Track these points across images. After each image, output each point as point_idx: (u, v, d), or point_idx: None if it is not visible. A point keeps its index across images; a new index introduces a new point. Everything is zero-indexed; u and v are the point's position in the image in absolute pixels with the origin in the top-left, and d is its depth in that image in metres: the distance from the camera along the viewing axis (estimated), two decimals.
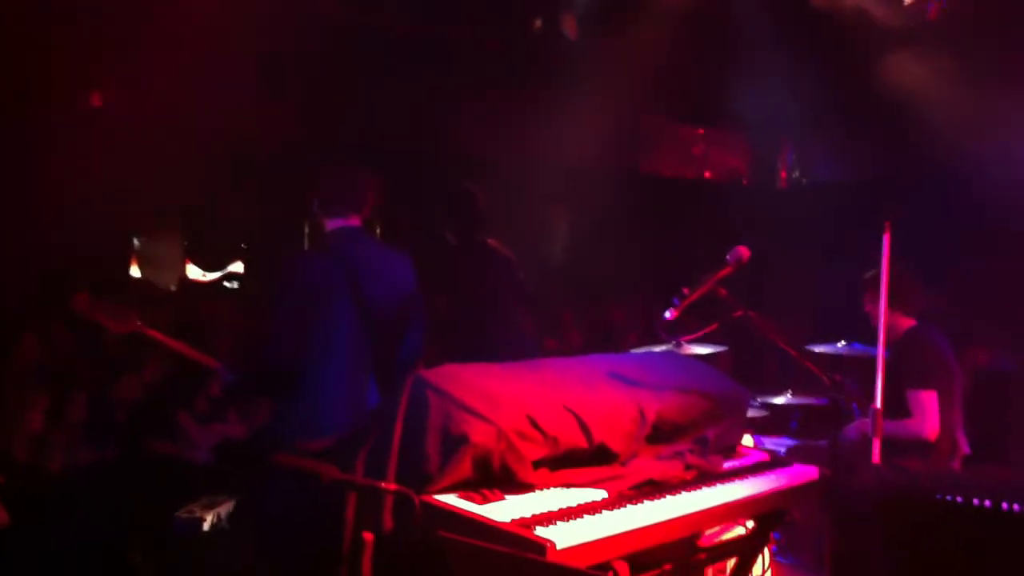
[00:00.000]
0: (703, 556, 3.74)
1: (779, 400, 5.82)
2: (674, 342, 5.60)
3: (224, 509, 4.78)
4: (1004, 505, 3.41)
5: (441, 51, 8.83)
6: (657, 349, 5.62)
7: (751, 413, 5.68)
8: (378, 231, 9.26)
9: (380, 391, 4.00)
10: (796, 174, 12.43)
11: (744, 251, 3.67)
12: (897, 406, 5.07)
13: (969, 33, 8.36)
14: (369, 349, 4.00)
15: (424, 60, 8.71)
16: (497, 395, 3.18)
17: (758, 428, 5.77)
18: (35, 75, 7.23)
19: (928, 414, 5.04)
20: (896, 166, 9.59)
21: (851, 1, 9.06)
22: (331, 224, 4.14)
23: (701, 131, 12.12)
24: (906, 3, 8.94)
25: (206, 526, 4.76)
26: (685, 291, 3.63)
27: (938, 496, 3.54)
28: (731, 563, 3.99)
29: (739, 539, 3.94)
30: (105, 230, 7.96)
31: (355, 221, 4.15)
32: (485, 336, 5.44)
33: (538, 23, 9.78)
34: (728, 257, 3.68)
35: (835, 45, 9.14)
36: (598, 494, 3.17)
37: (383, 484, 2.81)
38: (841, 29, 9.06)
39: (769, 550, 4.11)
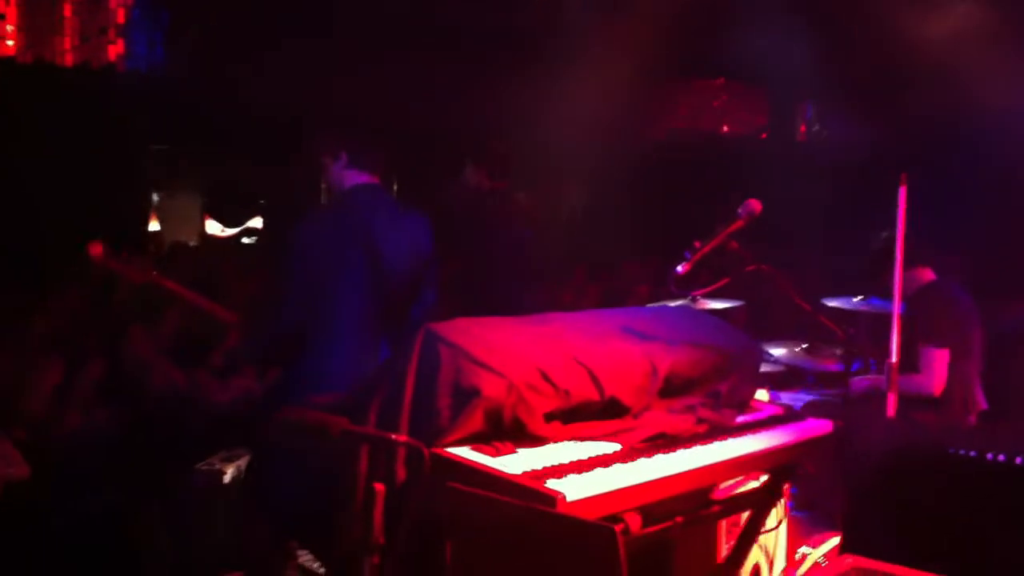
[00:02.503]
0: (716, 509, 3.75)
1: (792, 356, 5.80)
2: (689, 297, 5.58)
3: (244, 463, 4.83)
4: (1019, 460, 3.40)
5: (455, 16, 8.79)
6: (672, 304, 5.61)
7: (766, 368, 5.68)
8: (394, 187, 9.27)
9: (392, 351, 4.02)
10: (815, 128, 12.34)
11: (755, 204, 3.65)
12: (908, 360, 5.06)
13: None
14: (382, 308, 4.00)
15: (438, 25, 8.67)
16: (508, 348, 3.18)
17: (774, 383, 5.76)
18: None
19: (936, 370, 5.03)
20: (915, 122, 9.50)
21: None
22: (350, 179, 4.11)
23: (721, 82, 12.03)
24: None
25: (227, 479, 4.82)
26: (697, 244, 3.63)
27: (951, 450, 3.53)
28: (745, 516, 4.00)
29: (753, 492, 3.94)
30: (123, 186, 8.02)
31: (375, 179, 4.13)
32: (498, 292, 5.43)
33: None
34: (739, 210, 3.67)
35: (852, 3, 9.03)
36: (610, 447, 3.18)
37: (393, 436, 2.83)
38: None
39: (784, 504, 4.11)
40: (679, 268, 3.69)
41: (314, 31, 8.00)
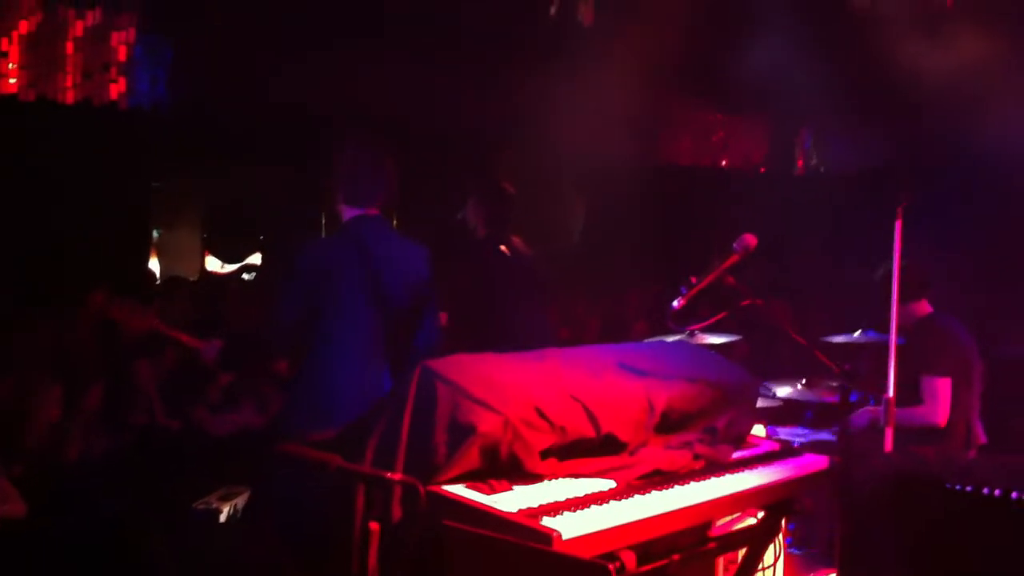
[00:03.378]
0: (712, 546, 3.75)
1: (790, 391, 5.80)
2: (687, 332, 5.59)
3: (241, 501, 4.82)
4: (1014, 495, 3.40)
5: (458, 39, 8.84)
6: (670, 339, 5.61)
7: (765, 403, 5.68)
8: (394, 221, 9.29)
9: (394, 379, 4.03)
10: (813, 161, 12.38)
11: (751, 239, 3.67)
12: (910, 392, 5.06)
13: (986, 20, 8.30)
14: (383, 337, 4.02)
15: (439, 47, 8.71)
16: (504, 385, 3.19)
17: (772, 418, 5.76)
18: None
19: (939, 401, 5.03)
20: (911, 152, 9.54)
21: None
22: (349, 212, 4.16)
23: (720, 117, 12.08)
24: None
25: (223, 517, 4.81)
26: (693, 280, 3.63)
27: (948, 485, 3.53)
28: (742, 553, 3.99)
29: (749, 529, 3.94)
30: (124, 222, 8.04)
31: (373, 210, 4.17)
32: (507, 335, 5.35)
33: (553, 10, 9.75)
34: (735, 245, 3.68)
35: (852, 31, 9.09)
36: (606, 484, 3.18)
37: (388, 474, 2.83)
38: (859, 15, 9.00)
39: (782, 540, 4.10)
40: (675, 303, 3.70)
41: (315, 68, 8.05)
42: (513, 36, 9.15)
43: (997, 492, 3.43)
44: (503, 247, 5.55)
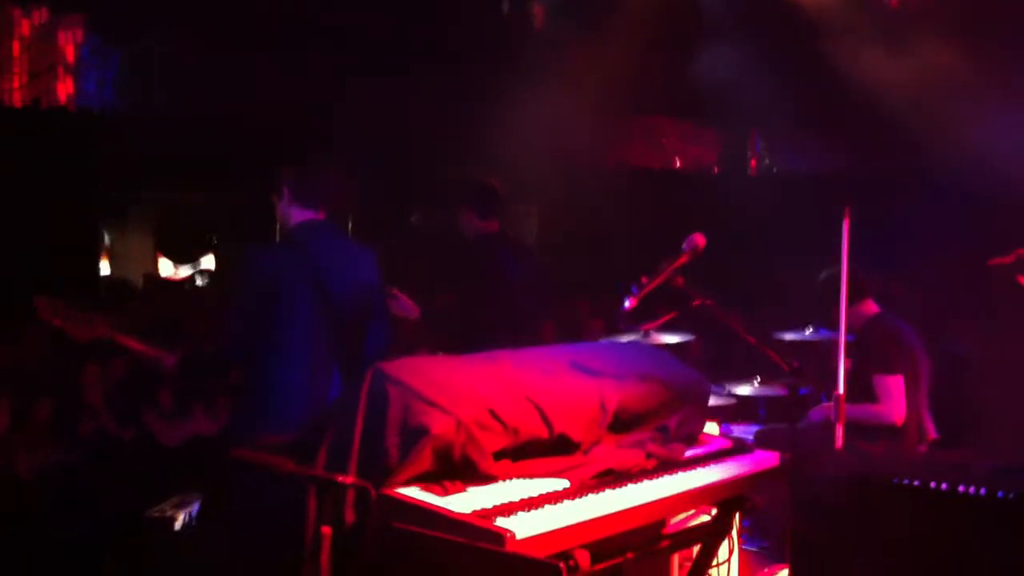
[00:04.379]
0: (666, 543, 3.77)
1: (745, 389, 5.86)
2: (642, 332, 5.63)
3: (195, 508, 4.78)
4: (960, 488, 3.45)
5: (410, 49, 8.83)
6: (624, 339, 5.65)
7: (719, 401, 5.73)
8: (350, 225, 9.26)
9: (345, 385, 4.01)
10: (766, 162, 12.52)
11: (700, 239, 3.70)
12: (864, 392, 5.13)
13: (932, 25, 8.44)
14: (331, 343, 4.00)
15: (392, 58, 8.71)
16: (457, 386, 3.19)
17: (726, 416, 5.82)
18: None
19: (895, 399, 5.11)
20: (860, 155, 9.68)
21: None
22: (297, 216, 4.13)
23: (671, 121, 12.18)
24: None
25: (177, 525, 4.76)
26: (643, 280, 3.65)
27: (896, 480, 3.58)
28: (696, 549, 4.02)
29: (703, 526, 3.97)
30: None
31: (321, 214, 4.15)
32: (505, 331, 5.26)
33: (506, 8, 9.78)
34: (684, 246, 3.71)
35: (801, 35, 9.20)
36: (559, 484, 3.19)
37: (340, 478, 2.82)
38: (806, 20, 9.11)
39: (737, 536, 4.14)
40: (626, 303, 3.72)
41: (266, 68, 8.01)
42: (465, 42, 9.17)
43: (944, 486, 3.48)
44: (502, 245, 5.49)
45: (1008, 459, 3.86)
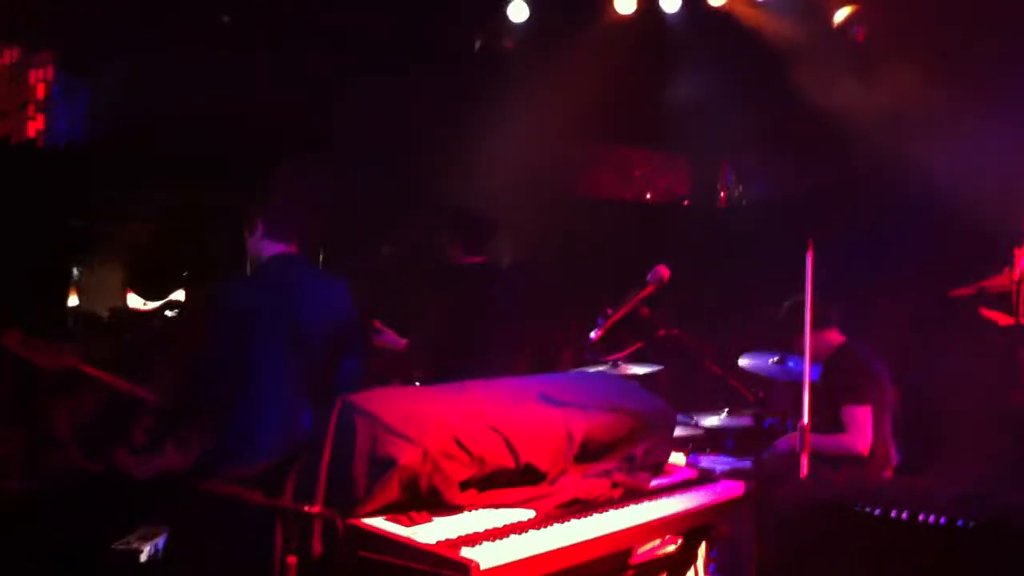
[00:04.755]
0: (631, 573, 3.79)
1: (712, 420, 5.90)
2: (609, 362, 5.67)
3: (161, 540, 4.75)
4: (920, 517, 3.51)
5: (375, 78, 8.88)
6: (592, 369, 5.69)
7: (687, 432, 5.77)
8: (320, 257, 9.27)
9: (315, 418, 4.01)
10: (736, 194, 12.62)
11: (664, 271, 3.76)
12: (831, 421, 5.19)
13: (894, 56, 8.60)
14: (303, 376, 4.01)
15: (359, 83, 8.75)
16: (424, 416, 3.22)
17: (693, 446, 5.85)
18: None
19: (862, 429, 5.17)
20: (824, 184, 9.80)
21: (781, 24, 9.26)
22: (269, 249, 4.14)
23: (642, 153, 12.27)
24: (834, 25, 9.15)
25: (143, 557, 4.73)
26: (609, 311, 3.71)
27: (859, 508, 3.63)
28: None
29: (669, 555, 4.00)
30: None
31: (294, 248, 4.17)
32: (485, 363, 5.22)
33: (479, 44, 9.86)
34: (649, 277, 3.77)
35: (767, 68, 9.33)
36: (525, 514, 3.22)
37: (306, 508, 2.84)
38: (772, 52, 9.25)
39: (702, 566, 4.17)
40: (592, 334, 3.77)
41: (232, 105, 8.04)
42: (436, 71, 9.23)
43: (904, 515, 3.53)
44: (485, 271, 5.47)
45: (969, 486, 3.92)
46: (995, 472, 4.79)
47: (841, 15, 9.06)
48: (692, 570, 3.95)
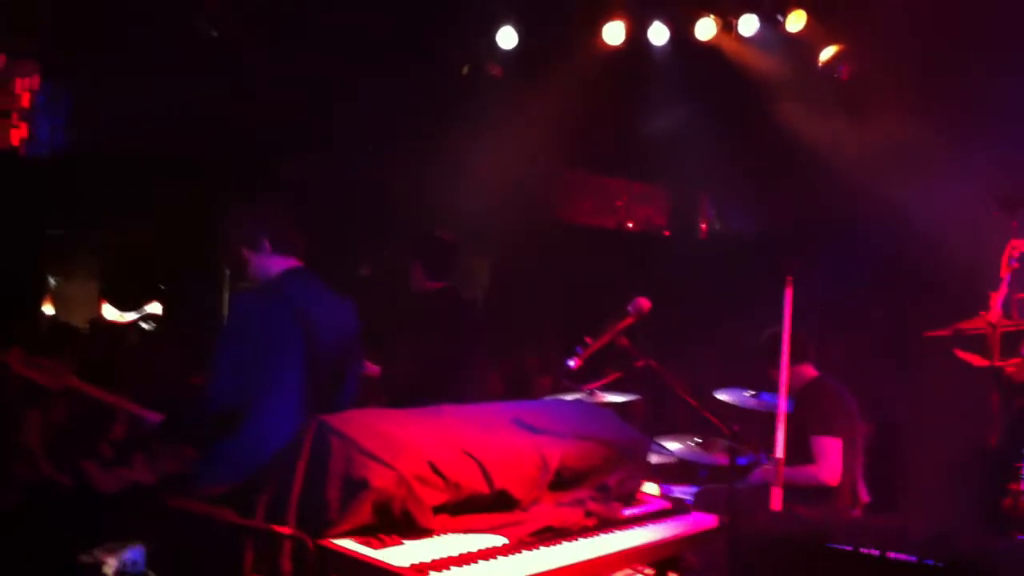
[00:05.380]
0: None
1: (685, 450, 5.91)
2: (587, 391, 5.68)
3: (128, 554, 4.72)
4: (890, 554, 3.52)
5: (364, 107, 8.90)
6: (569, 397, 5.69)
7: (660, 461, 5.78)
8: None
9: None
10: (716, 226, 12.70)
11: (644, 302, 3.77)
12: (801, 453, 5.22)
13: (874, 97, 8.70)
14: (310, 394, 3.96)
15: (348, 116, 8.77)
16: (399, 440, 3.21)
17: (667, 476, 5.86)
18: None
19: (831, 460, 5.20)
20: (802, 219, 9.87)
21: (766, 61, 9.34)
22: (278, 264, 4.08)
23: (623, 183, 12.34)
24: (820, 64, 9.25)
25: (108, 571, 4.69)
26: (588, 340, 3.72)
27: (829, 544, 3.64)
28: None
29: None
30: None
31: (298, 262, 4.14)
32: (452, 390, 5.22)
33: (466, 69, 9.90)
34: (629, 308, 3.78)
35: (751, 104, 9.42)
36: (497, 540, 3.21)
37: (277, 528, 2.82)
38: (756, 89, 9.34)
39: None
40: (571, 363, 3.78)
41: (214, 115, 8.03)
42: (418, 97, 9.27)
43: (875, 552, 3.55)
44: (450, 297, 5.46)
45: (940, 525, 3.95)
46: (965, 513, 4.82)
47: (827, 54, 9.16)
48: None
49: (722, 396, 5.68)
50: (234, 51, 7.88)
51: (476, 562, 2.99)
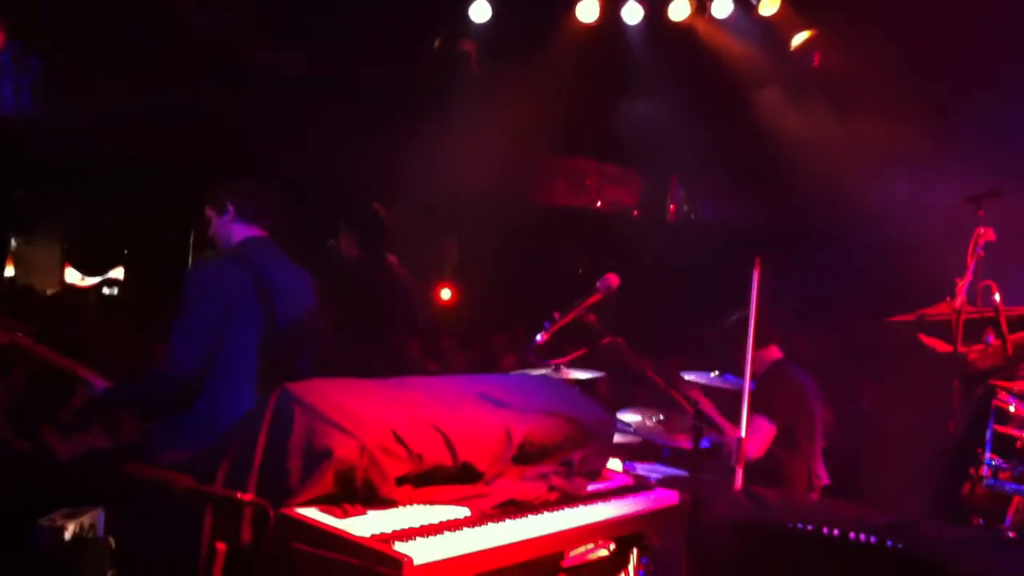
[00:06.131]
0: None
1: (650, 427, 5.92)
2: (552, 367, 5.66)
3: (87, 519, 4.66)
4: (851, 535, 3.54)
5: (337, 84, 8.84)
6: (535, 372, 5.68)
7: (624, 439, 5.78)
8: None
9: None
10: (685, 208, 12.75)
11: (613, 278, 3.76)
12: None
13: (847, 86, 8.74)
14: (269, 364, 3.92)
15: (321, 93, 8.71)
16: (363, 410, 3.18)
17: (630, 454, 5.86)
18: None
19: (758, 437, 5.22)
20: (772, 209, 9.92)
21: (739, 47, 9.36)
22: (240, 232, 4.07)
23: (594, 163, 12.35)
24: (792, 50, 9.27)
25: (68, 535, 4.64)
26: (556, 316, 3.70)
27: (790, 525, 3.66)
28: None
29: (600, 560, 4.00)
30: None
31: (264, 232, 4.10)
32: (373, 356, 5.36)
33: (438, 42, 9.84)
34: (598, 284, 3.77)
35: (724, 90, 9.44)
36: (460, 512, 3.21)
37: (239, 495, 2.79)
38: (730, 75, 9.35)
39: (635, 573, 4.18)
40: (538, 337, 3.76)
41: (189, 82, 7.93)
42: (393, 81, 9.22)
43: (836, 532, 3.57)
44: (378, 268, 5.56)
45: (898, 513, 3.98)
46: (924, 498, 4.87)
47: (799, 39, 9.18)
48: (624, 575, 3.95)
49: (688, 376, 5.68)
50: (216, 29, 7.81)
51: (441, 533, 2.98)
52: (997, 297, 4.78)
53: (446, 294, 10.70)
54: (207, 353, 3.79)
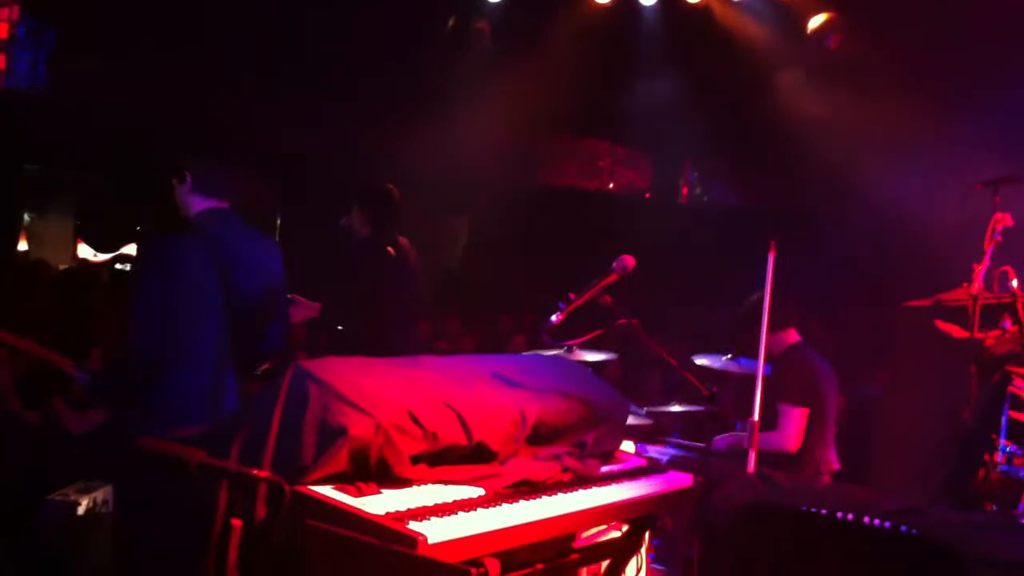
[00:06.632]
0: (576, 557, 3.79)
1: (661, 410, 5.91)
2: (565, 348, 5.66)
3: (100, 494, 4.66)
4: (866, 519, 3.52)
5: (350, 63, 8.81)
6: (547, 353, 5.67)
7: (636, 421, 5.77)
8: (278, 222, 9.17)
9: (238, 383, 3.94)
10: (697, 191, 12.71)
11: (629, 260, 3.75)
12: (768, 418, 5.22)
13: (864, 69, 8.67)
14: (231, 338, 3.89)
15: (333, 70, 8.68)
16: (378, 389, 3.18)
17: (642, 436, 5.85)
18: None
19: (792, 428, 5.23)
20: (786, 191, 9.88)
21: (755, 29, 9.29)
22: (198, 204, 4.00)
23: (607, 145, 12.31)
24: (809, 32, 9.21)
25: (81, 510, 4.64)
26: (572, 296, 3.69)
27: (803, 508, 3.64)
28: (605, 565, 4.05)
29: (613, 542, 4.00)
30: None
31: (224, 203, 4.05)
32: (380, 335, 5.40)
33: (452, 21, 9.80)
34: (614, 265, 3.76)
35: (738, 72, 9.38)
36: (474, 491, 3.20)
37: (254, 471, 2.79)
38: (745, 57, 9.29)
39: (646, 555, 4.18)
40: (553, 318, 3.76)
41: (193, 58, 7.91)
42: (407, 60, 9.19)
43: (851, 516, 3.55)
44: (389, 248, 5.59)
45: (910, 499, 3.96)
46: (939, 484, 4.85)
47: (816, 22, 9.11)
48: (636, 557, 3.95)
49: (700, 360, 5.67)
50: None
51: (455, 512, 2.98)
52: (1015, 283, 4.75)
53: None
54: (164, 334, 3.76)
